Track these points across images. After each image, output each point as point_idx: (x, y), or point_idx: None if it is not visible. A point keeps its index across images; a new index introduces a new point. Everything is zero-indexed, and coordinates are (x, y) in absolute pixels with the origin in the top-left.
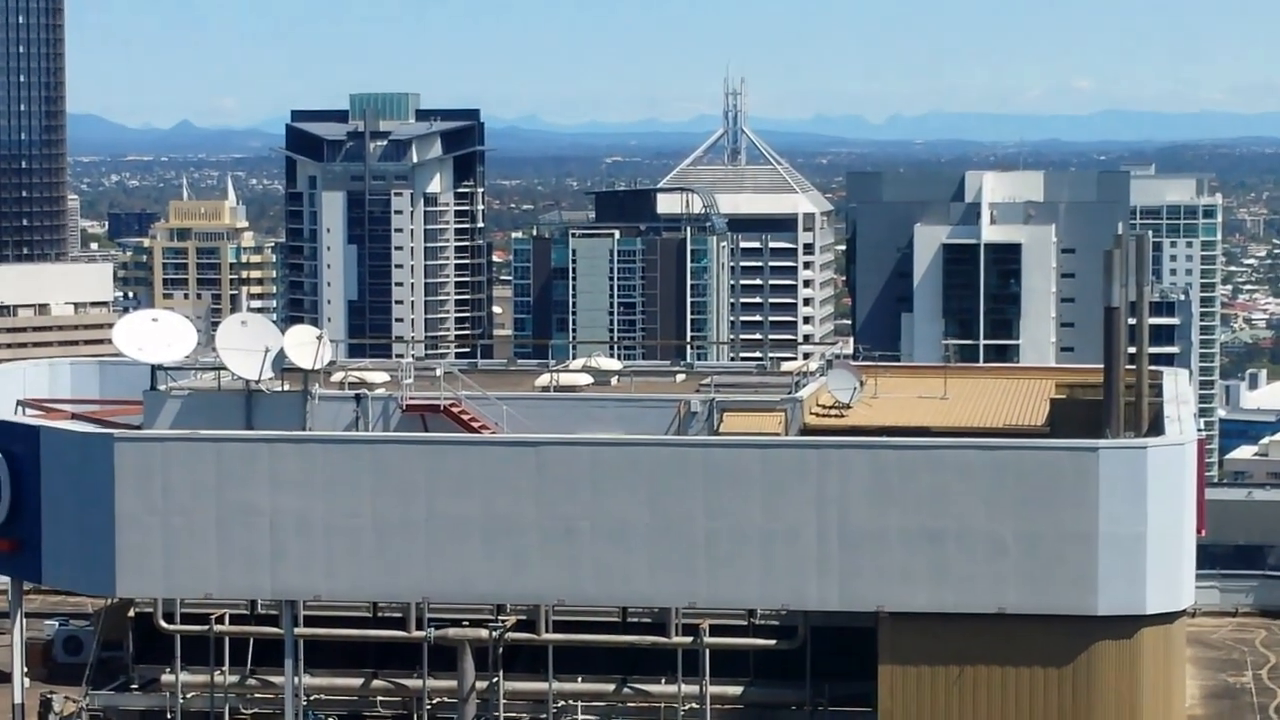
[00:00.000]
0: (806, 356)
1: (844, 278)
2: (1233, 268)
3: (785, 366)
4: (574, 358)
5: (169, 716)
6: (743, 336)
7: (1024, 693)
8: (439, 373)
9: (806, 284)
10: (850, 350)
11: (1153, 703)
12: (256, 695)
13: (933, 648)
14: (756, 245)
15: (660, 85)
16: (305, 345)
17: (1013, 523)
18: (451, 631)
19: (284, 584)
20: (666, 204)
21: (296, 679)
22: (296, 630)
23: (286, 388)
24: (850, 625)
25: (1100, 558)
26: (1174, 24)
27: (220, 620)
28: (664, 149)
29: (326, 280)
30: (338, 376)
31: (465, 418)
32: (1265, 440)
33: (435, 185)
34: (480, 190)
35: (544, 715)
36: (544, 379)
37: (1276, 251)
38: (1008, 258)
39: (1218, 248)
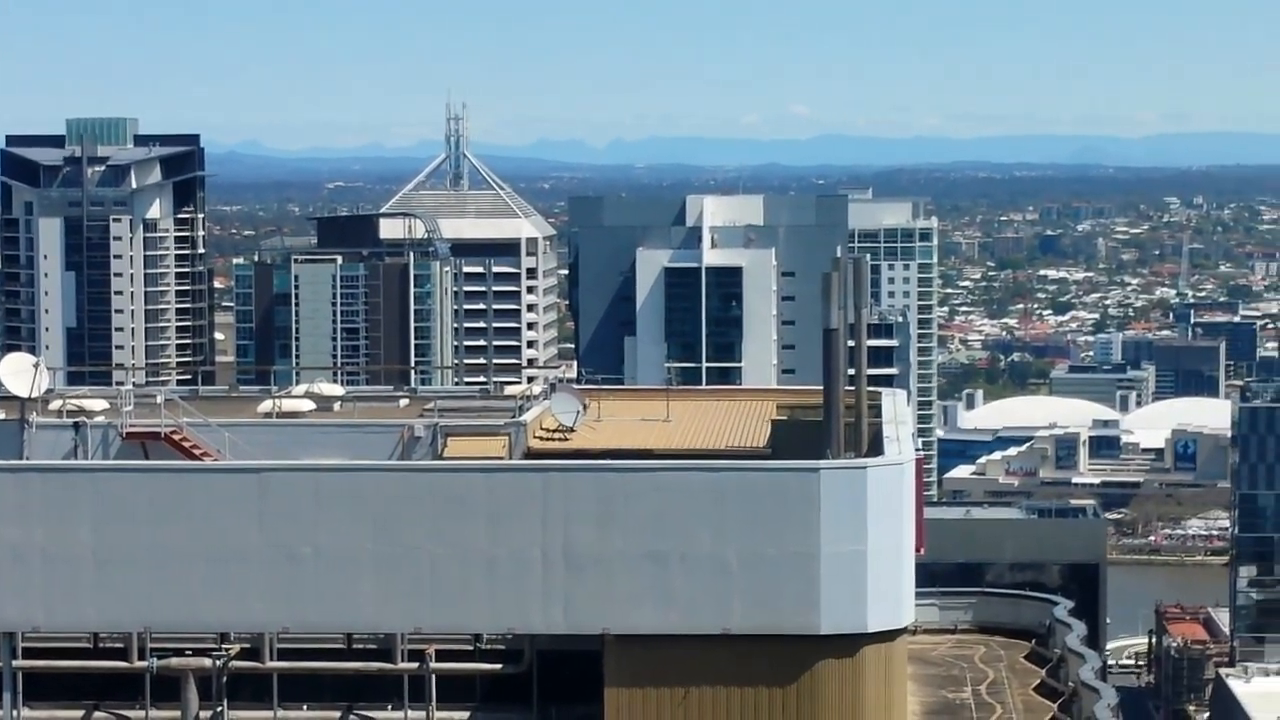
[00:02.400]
0: (530, 380)
1: (567, 302)
2: (949, 290)
3: (509, 390)
4: (297, 383)
5: None
6: (466, 361)
7: (749, 712)
8: (160, 400)
9: (530, 308)
10: (574, 374)
11: (875, 719)
12: None
13: (658, 669)
14: (480, 270)
15: (383, 111)
16: (22, 373)
17: (736, 544)
18: (174, 661)
19: (1, 616)
20: (389, 229)
21: (15, 712)
22: (15, 663)
23: (3, 416)
24: (576, 649)
25: (822, 577)
26: (888, 51)
27: None
28: (387, 174)
29: (44, 307)
30: (56, 404)
31: (186, 445)
32: (982, 460)
33: (155, 211)
34: (201, 216)
35: None
36: (266, 405)
37: (991, 274)
38: (729, 281)
39: (934, 270)
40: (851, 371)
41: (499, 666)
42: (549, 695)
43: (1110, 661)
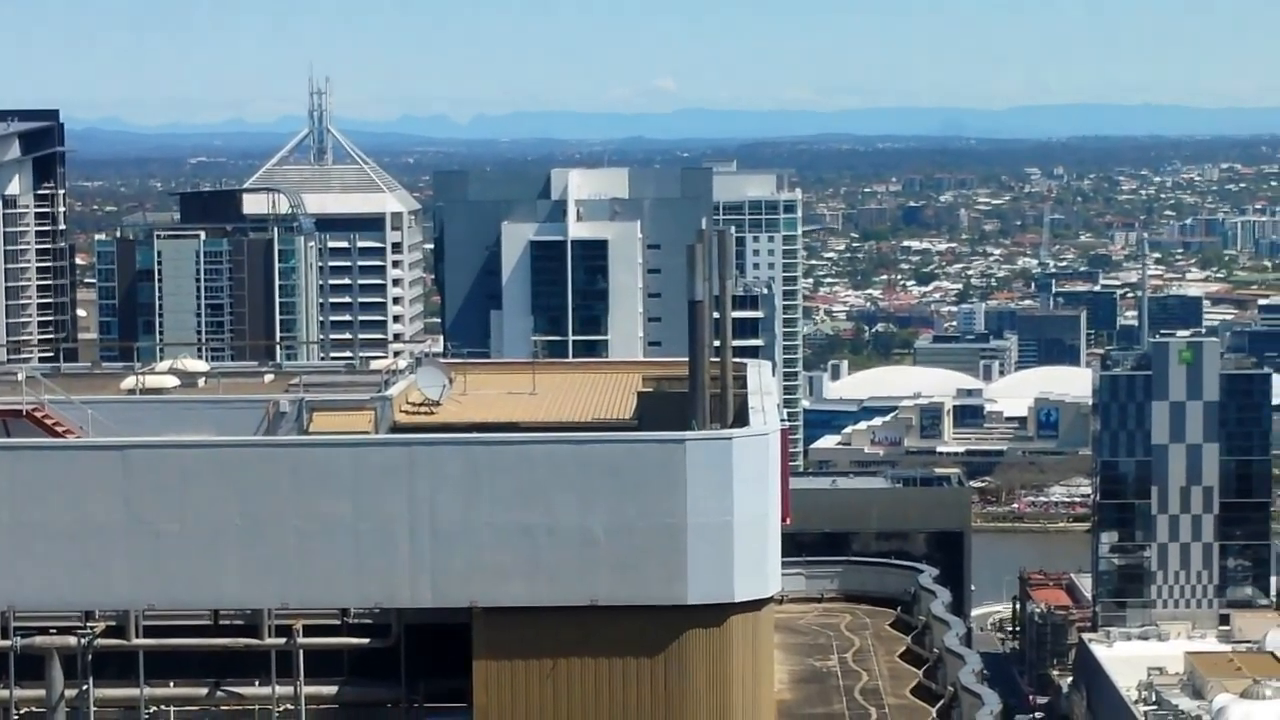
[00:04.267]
0: (396, 355)
1: (432, 276)
2: (814, 261)
3: (375, 365)
4: (161, 360)
5: None
6: (332, 336)
7: (617, 683)
8: (21, 377)
9: (395, 283)
10: (440, 348)
11: (742, 688)
12: None
13: (526, 642)
14: (345, 245)
15: (245, 86)
16: None
17: (602, 516)
18: (39, 639)
19: None
20: (253, 204)
21: None
22: None
23: None
24: (445, 622)
25: (689, 548)
26: (752, 24)
27: None
28: (250, 149)
29: None
30: None
31: (49, 422)
32: (848, 430)
33: (14, 187)
34: (61, 192)
35: None
36: (130, 382)
37: (855, 245)
38: (594, 254)
39: (799, 242)
40: (717, 343)
41: (367, 641)
42: (417, 669)
43: (975, 628)
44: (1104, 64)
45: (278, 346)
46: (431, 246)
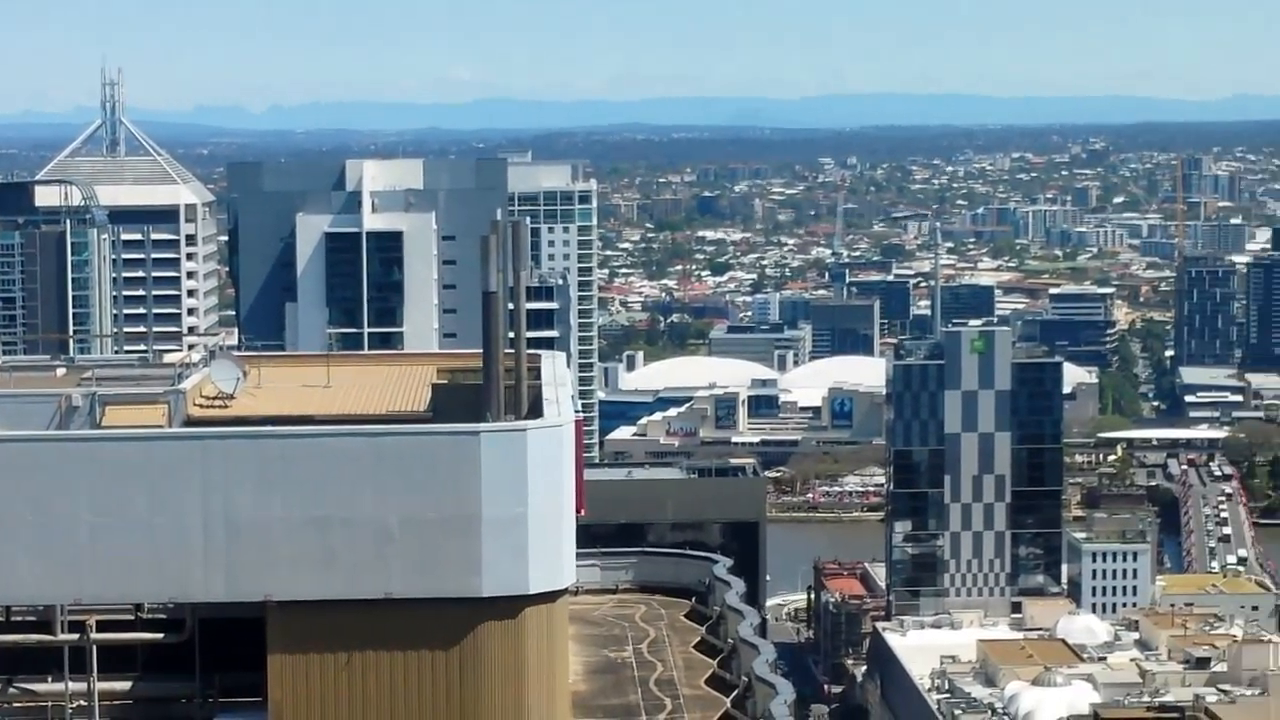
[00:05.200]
0: (190, 348)
1: (227, 268)
2: (609, 252)
3: (168, 358)
4: None
5: None
6: (126, 329)
7: (412, 676)
8: None
9: (189, 275)
10: (234, 340)
11: (537, 680)
12: None
13: (321, 635)
14: (138, 237)
15: (36, 76)
16: None
17: (397, 508)
18: None
19: None
20: (45, 196)
21: None
22: None
23: None
24: (240, 616)
25: (483, 540)
26: (547, 15)
27: None
28: (41, 141)
29: None
30: None
31: None
32: (643, 421)
33: None
34: None
35: None
36: None
37: (650, 236)
38: (389, 246)
39: (593, 233)
40: (511, 335)
41: (160, 636)
42: (211, 663)
43: (770, 618)
44: (897, 55)
45: (70, 340)
46: (226, 238)
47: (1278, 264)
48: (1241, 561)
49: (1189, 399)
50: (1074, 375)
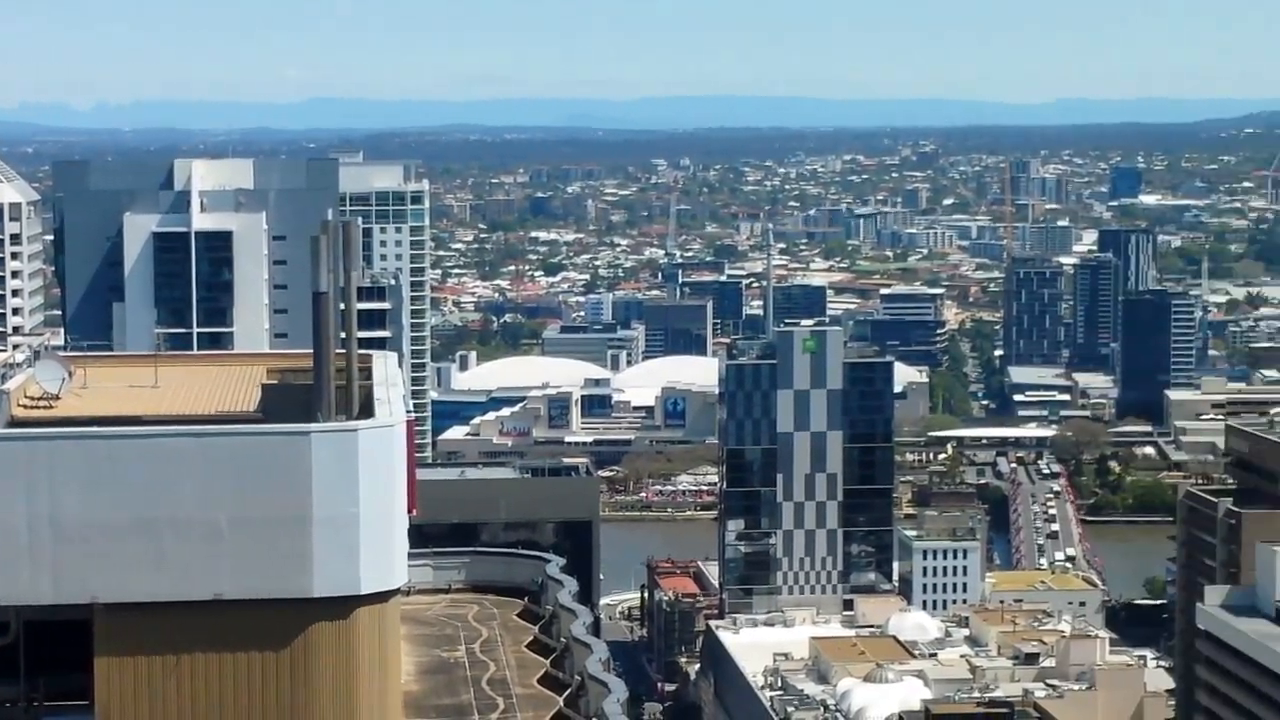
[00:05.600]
0: (15, 348)
1: (53, 268)
2: (442, 252)
3: None
4: None
5: None
6: None
7: (243, 677)
8: None
9: (14, 275)
10: (59, 340)
11: (369, 681)
12: None
13: (150, 638)
14: None
15: None
16: None
17: (227, 508)
18: None
19: None
20: None
21: None
22: None
23: None
24: (66, 618)
25: (314, 540)
26: (377, 14)
27: None
28: None
29: None
30: None
31: None
32: (477, 420)
33: None
34: None
35: None
36: None
37: (483, 236)
38: (219, 245)
39: (426, 233)
40: (343, 335)
41: None
42: (38, 666)
43: (603, 616)
44: (730, 57)
45: None
46: (51, 238)
47: (1104, 265)
48: (1070, 560)
49: (1018, 398)
50: (905, 375)
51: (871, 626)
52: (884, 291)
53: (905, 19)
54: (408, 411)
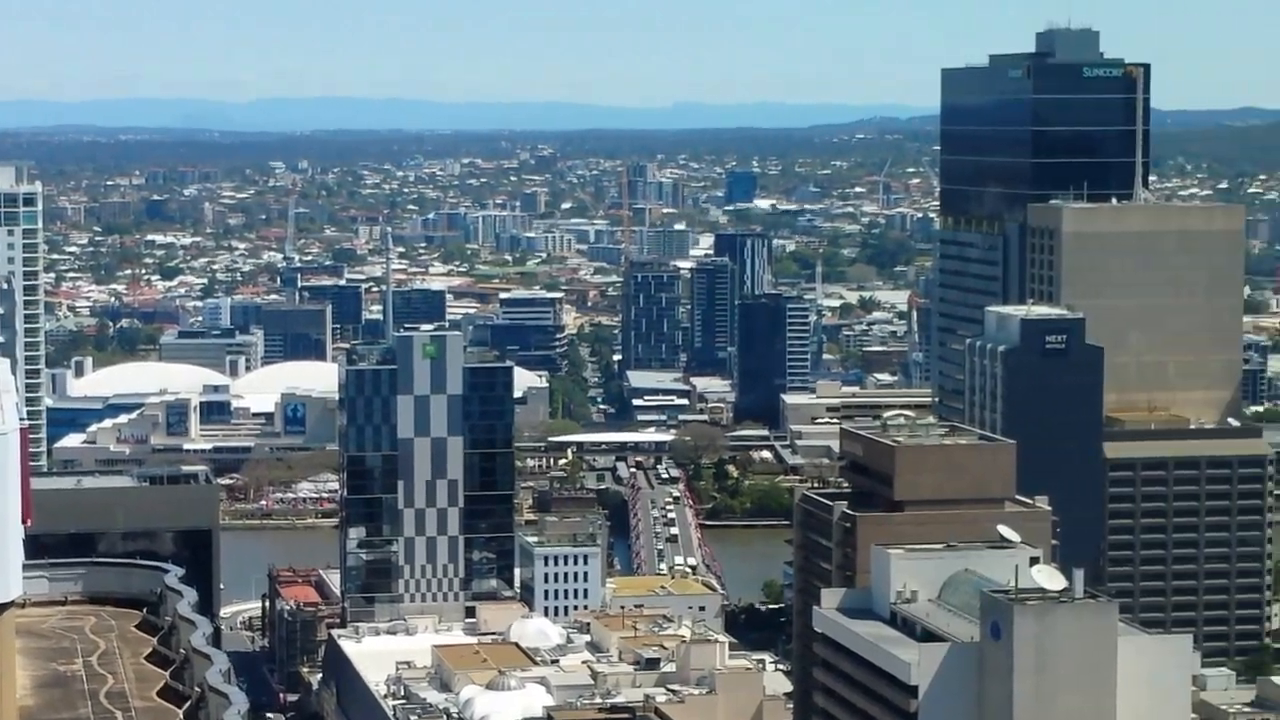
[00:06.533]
0: None
1: None
2: (55, 256)
3: None
4: None
5: None
6: None
7: None
8: None
9: None
10: None
11: None
12: None
13: None
14: None
15: None
16: None
17: None
18: None
19: None
20: None
21: None
22: None
23: None
24: None
25: None
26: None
27: None
28: None
29: None
30: None
31: None
32: (93, 428)
33: None
34: None
35: None
36: None
37: (98, 239)
38: None
39: (39, 236)
40: None
41: None
42: None
43: (224, 627)
44: (345, 58)
45: None
46: None
47: (721, 269)
48: (693, 569)
49: (637, 403)
50: (525, 379)
51: (494, 633)
52: (503, 296)
53: (517, 22)
54: (21, 419)
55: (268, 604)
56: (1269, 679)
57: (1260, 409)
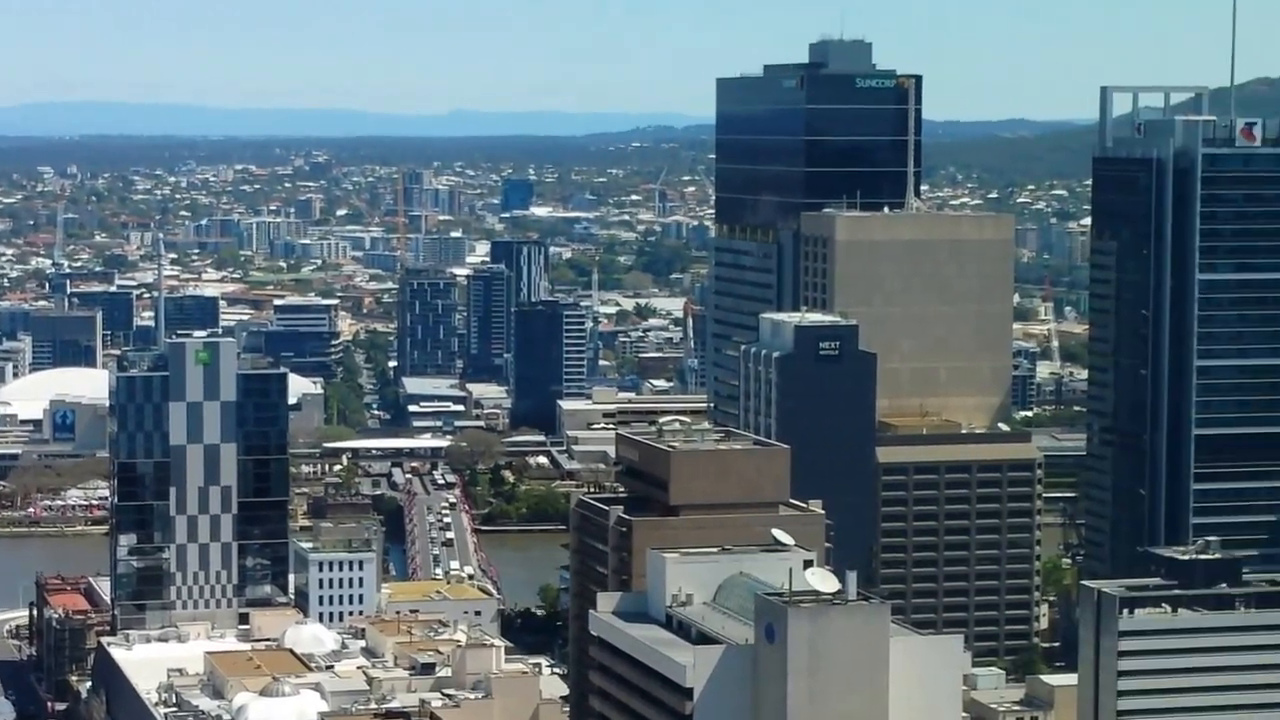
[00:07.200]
0: None
1: None
2: None
3: None
4: None
5: None
6: None
7: None
8: None
9: None
10: None
11: None
12: None
13: None
14: None
15: None
16: None
17: None
18: None
19: None
20: None
21: None
22: None
23: None
24: None
25: None
26: None
27: None
28: None
29: None
30: None
31: None
32: None
33: None
34: None
35: None
36: None
37: None
38: None
39: None
40: None
41: None
42: None
43: None
44: (116, 61)
45: None
46: None
47: (497, 276)
48: (471, 577)
49: (412, 409)
50: (299, 386)
51: (267, 640)
52: (277, 302)
53: (294, 26)
54: None
55: (35, 612)
56: (1038, 678)
57: (1029, 414)
